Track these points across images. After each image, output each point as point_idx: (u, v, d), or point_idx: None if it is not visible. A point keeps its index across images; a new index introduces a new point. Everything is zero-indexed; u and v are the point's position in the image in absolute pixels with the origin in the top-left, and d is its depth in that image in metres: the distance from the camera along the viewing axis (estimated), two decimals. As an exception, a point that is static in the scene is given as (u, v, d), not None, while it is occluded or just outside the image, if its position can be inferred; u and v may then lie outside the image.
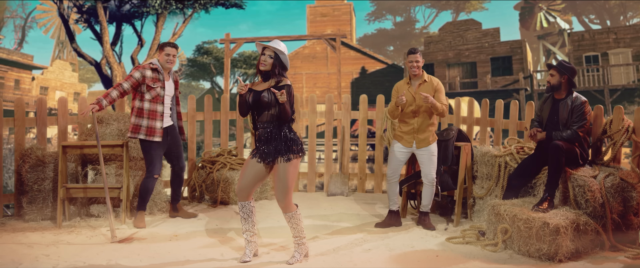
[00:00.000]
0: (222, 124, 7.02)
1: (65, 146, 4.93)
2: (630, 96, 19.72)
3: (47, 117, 5.69)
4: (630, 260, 3.78)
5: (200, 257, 3.70)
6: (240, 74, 34.80)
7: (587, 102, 4.43)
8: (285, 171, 3.47)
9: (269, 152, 3.49)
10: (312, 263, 3.60)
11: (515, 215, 3.90)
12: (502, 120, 6.19)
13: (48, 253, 3.73)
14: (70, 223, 4.81)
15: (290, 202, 3.52)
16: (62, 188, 4.76)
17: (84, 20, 15.65)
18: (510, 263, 3.66)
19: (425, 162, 4.75)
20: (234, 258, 3.68)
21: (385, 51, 52.01)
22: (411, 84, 4.79)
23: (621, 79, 22.11)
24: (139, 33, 16.53)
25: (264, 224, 4.88)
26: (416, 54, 4.73)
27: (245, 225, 3.62)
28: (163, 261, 3.59)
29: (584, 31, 24.78)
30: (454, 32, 26.30)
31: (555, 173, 4.08)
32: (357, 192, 6.96)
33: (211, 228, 4.69)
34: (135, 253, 3.77)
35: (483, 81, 24.24)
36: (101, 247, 3.95)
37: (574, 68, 4.49)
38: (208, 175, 6.07)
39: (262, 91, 3.54)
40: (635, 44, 22.59)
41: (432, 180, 4.74)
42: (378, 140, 6.92)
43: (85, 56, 15.62)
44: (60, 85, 37.24)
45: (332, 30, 31.02)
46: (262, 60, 3.55)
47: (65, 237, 4.29)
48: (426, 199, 4.84)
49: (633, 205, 4.16)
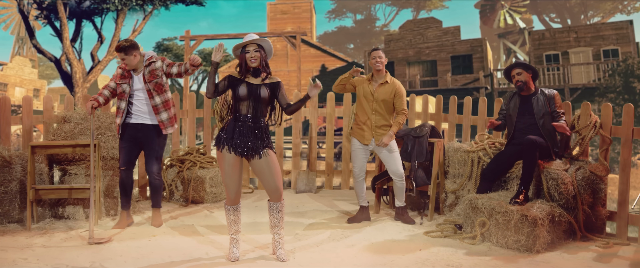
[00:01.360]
0: (188, 123, 6.91)
1: (34, 146, 4.74)
2: (590, 95, 19.92)
3: (11, 116, 5.45)
4: (601, 249, 3.98)
5: (186, 257, 3.64)
6: (201, 71, 34.31)
7: (558, 93, 4.65)
8: (268, 165, 3.48)
9: (253, 146, 3.46)
10: (300, 259, 3.61)
11: (493, 208, 4.03)
12: (470, 117, 6.35)
13: (25, 256, 3.58)
14: (39, 226, 4.62)
15: (281, 192, 3.53)
16: (32, 190, 4.58)
17: (43, 17, 15.21)
18: (491, 255, 3.79)
19: (387, 159, 4.78)
20: (221, 257, 3.65)
21: (345, 49, 52.34)
22: (373, 81, 4.84)
23: (581, 78, 22.30)
24: (99, 30, 16.17)
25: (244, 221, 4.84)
26: (379, 51, 4.83)
27: (233, 226, 3.60)
28: (148, 263, 3.51)
29: (544, 30, 25.15)
30: (415, 30, 26.55)
31: (529, 167, 4.24)
32: (325, 188, 7.00)
33: (188, 228, 4.61)
34: (117, 254, 3.67)
35: (443, 79, 24.53)
36: (80, 249, 3.83)
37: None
38: (178, 174, 5.98)
39: (258, 86, 3.52)
40: (595, 43, 22.93)
41: (400, 175, 4.79)
42: (345, 137, 6.98)
43: (45, 52, 15.22)
44: (20, 81, 35.78)
45: (293, 27, 30.96)
46: (251, 58, 3.51)
47: (38, 239, 4.13)
48: (399, 195, 4.91)
49: (601, 197, 4.40)
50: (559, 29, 25.05)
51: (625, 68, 17.95)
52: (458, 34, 25.66)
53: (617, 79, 17.94)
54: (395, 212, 5.01)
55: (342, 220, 4.96)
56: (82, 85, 15.43)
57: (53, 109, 5.79)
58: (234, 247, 3.60)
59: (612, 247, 4.05)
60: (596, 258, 3.74)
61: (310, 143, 7.14)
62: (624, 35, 22.39)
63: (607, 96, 17.70)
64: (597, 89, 19.71)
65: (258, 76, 3.57)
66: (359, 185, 4.88)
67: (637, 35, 34.70)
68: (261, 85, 3.52)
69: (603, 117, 4.58)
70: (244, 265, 3.48)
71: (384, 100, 4.76)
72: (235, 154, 3.47)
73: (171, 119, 4.72)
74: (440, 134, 5.62)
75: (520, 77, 4.59)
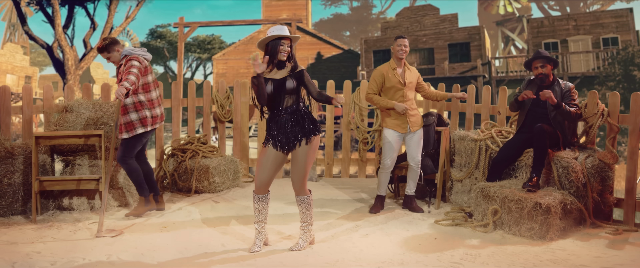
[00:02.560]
0: (189, 112, 6.85)
1: (38, 137, 4.66)
2: (589, 84, 19.69)
3: (11, 106, 5.36)
4: (612, 236, 4.00)
5: (202, 249, 3.61)
6: (195, 59, 34.06)
7: (573, 86, 4.64)
8: (305, 154, 3.46)
9: (289, 140, 3.46)
10: (318, 249, 3.61)
11: (506, 196, 4.03)
12: (474, 105, 6.32)
13: (38, 250, 3.53)
14: (43, 218, 4.57)
15: (305, 184, 3.52)
16: (36, 181, 4.52)
17: (35, 3, 14.96)
18: (506, 243, 3.80)
19: (413, 145, 4.80)
20: (240, 249, 3.61)
21: (341, 36, 51.96)
22: (397, 69, 4.80)
23: (580, 66, 22.08)
24: (92, 16, 15.96)
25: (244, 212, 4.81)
26: (405, 39, 4.80)
27: (259, 216, 3.57)
28: (166, 255, 3.47)
29: (543, 18, 24.80)
30: (412, 18, 26.37)
31: (541, 154, 4.24)
32: (325, 177, 6.98)
33: (196, 219, 4.58)
34: (132, 246, 3.63)
35: (441, 67, 24.31)
36: (92, 242, 3.78)
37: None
38: (180, 164, 5.94)
39: (284, 79, 3.48)
40: (595, 31, 22.62)
41: (418, 162, 4.82)
42: (345, 126, 6.96)
43: (37, 39, 15.00)
44: (11, 68, 35.37)
45: (288, 14, 30.68)
46: (283, 51, 3.47)
47: (46, 232, 4.08)
48: (412, 182, 4.91)
49: (609, 184, 4.43)
50: (558, 16, 24.74)
51: (625, 56, 17.84)
52: (456, 22, 25.39)
53: (617, 68, 17.83)
54: (404, 200, 5.00)
55: (349, 209, 4.96)
56: (74, 73, 15.23)
57: (53, 98, 5.71)
58: (257, 239, 3.59)
59: (622, 233, 4.08)
60: (609, 245, 3.77)
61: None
62: (623, 23, 22.11)
63: (606, 85, 17.56)
64: (597, 77, 19.47)
65: (282, 68, 3.53)
66: (385, 176, 4.86)
67: (637, 23, 34.20)
68: (286, 78, 3.49)
69: (610, 106, 4.58)
70: (263, 257, 3.45)
71: (410, 82, 4.80)
72: (276, 150, 3.48)
73: (130, 124, 4.60)
74: (446, 123, 5.61)
75: (543, 69, 4.56)
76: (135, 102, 4.59)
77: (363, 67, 26.11)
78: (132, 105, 4.59)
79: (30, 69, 37.73)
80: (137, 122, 4.59)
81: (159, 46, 34.08)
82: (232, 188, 6.06)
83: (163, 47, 34.12)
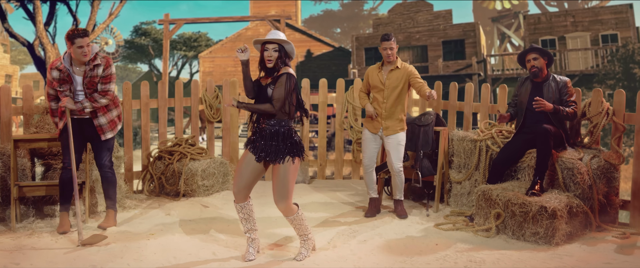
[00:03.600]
0: (176, 112, 6.63)
1: (17, 140, 4.42)
2: (588, 82, 19.13)
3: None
4: (619, 240, 3.86)
5: (192, 258, 3.43)
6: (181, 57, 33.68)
7: (570, 80, 4.47)
8: (286, 172, 3.23)
9: (269, 151, 3.25)
10: (318, 260, 3.43)
11: (509, 199, 3.88)
12: (472, 104, 6.17)
13: (16, 261, 3.30)
14: (23, 226, 4.32)
15: (290, 204, 3.29)
16: (15, 187, 4.28)
17: (16, -1, 14.58)
18: (510, 248, 3.66)
19: (390, 150, 4.55)
20: (233, 257, 3.44)
21: (331, 33, 51.59)
22: (382, 69, 4.62)
23: (579, 64, 21.54)
24: (74, 13, 15.56)
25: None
26: (390, 41, 4.51)
27: (246, 225, 3.40)
28: (153, 265, 3.29)
29: (540, 14, 24.35)
30: (404, 14, 25.97)
31: (544, 157, 4.08)
32: (317, 178, 6.80)
33: (185, 225, 4.37)
34: (117, 256, 3.42)
35: (434, 65, 23.88)
36: (74, 252, 3.56)
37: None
38: (167, 167, 5.72)
39: (267, 86, 3.29)
40: (593, 27, 22.02)
41: (397, 169, 4.54)
42: (338, 125, 6.78)
43: (17, 36, 14.59)
44: (-9, 67, 34.84)
45: (277, 11, 30.27)
46: (268, 57, 3.26)
47: (26, 241, 3.84)
48: (395, 188, 4.71)
49: (615, 185, 4.31)
50: (556, 12, 24.24)
51: (625, 53, 17.59)
52: (450, 18, 24.89)
53: (617, 65, 17.58)
54: (393, 205, 4.82)
55: (345, 213, 4.80)
56: (57, 72, 14.80)
57: (33, 99, 5.46)
58: (250, 247, 3.43)
59: (629, 237, 3.95)
60: (617, 250, 3.64)
61: (302, 132, 6.91)
62: (623, 20, 21.57)
63: (606, 83, 17.27)
64: (596, 75, 19.03)
65: (271, 74, 3.33)
66: (369, 175, 4.71)
67: (637, 20, 33.89)
68: (268, 85, 3.30)
69: (616, 104, 4.44)
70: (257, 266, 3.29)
71: (394, 87, 4.52)
72: (249, 153, 3.32)
73: (111, 123, 4.33)
74: (444, 122, 5.45)
75: (536, 62, 4.38)
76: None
77: (354, 65, 25.88)
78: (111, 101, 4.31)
79: (11, 67, 37.06)
80: (117, 118, 4.35)
81: (143, 44, 33.54)
82: (221, 191, 5.86)
83: (148, 44, 33.60)
